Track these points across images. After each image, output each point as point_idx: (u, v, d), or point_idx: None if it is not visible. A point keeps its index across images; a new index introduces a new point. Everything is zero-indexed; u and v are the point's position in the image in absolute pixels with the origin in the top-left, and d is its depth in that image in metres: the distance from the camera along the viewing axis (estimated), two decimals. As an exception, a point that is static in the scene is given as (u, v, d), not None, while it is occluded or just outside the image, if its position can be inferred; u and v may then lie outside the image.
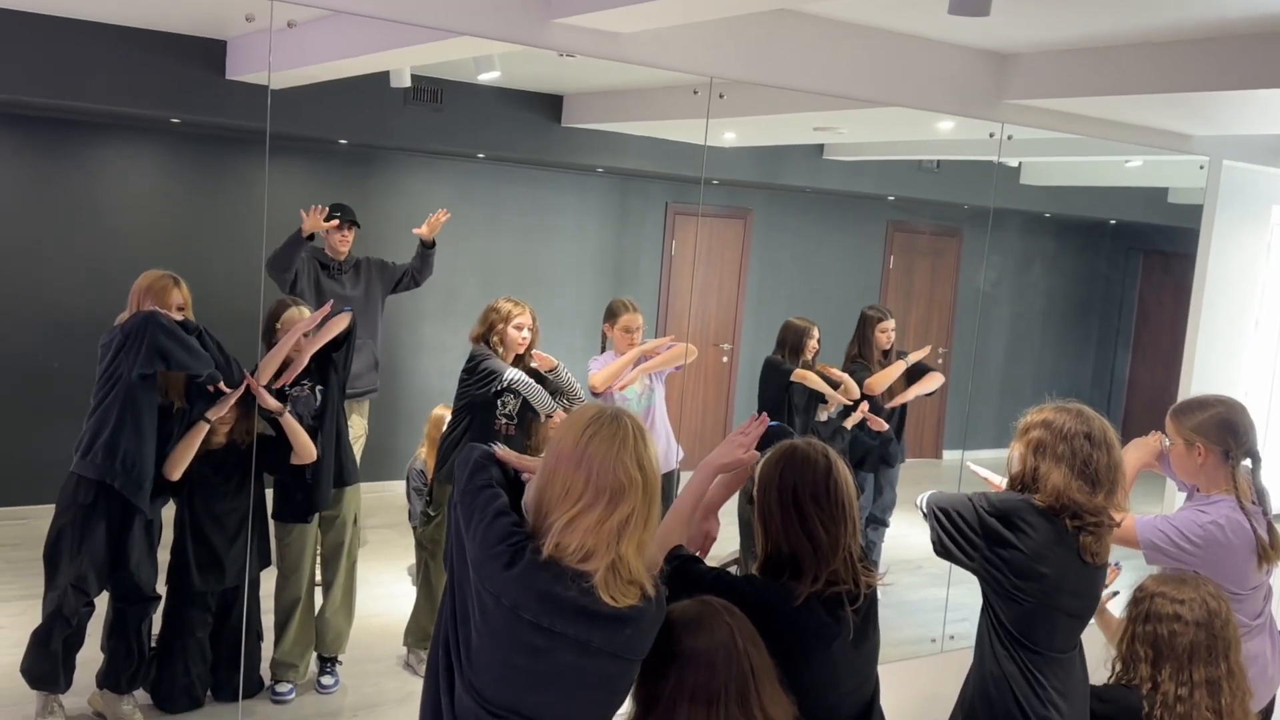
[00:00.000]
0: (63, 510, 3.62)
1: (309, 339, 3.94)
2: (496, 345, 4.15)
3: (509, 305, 4.23)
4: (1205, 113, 4.22)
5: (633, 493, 1.77)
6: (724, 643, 1.82)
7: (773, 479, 2.18)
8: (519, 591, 1.74)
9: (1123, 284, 8.97)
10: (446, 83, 5.38)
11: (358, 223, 4.93)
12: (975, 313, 7.35)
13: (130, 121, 5.67)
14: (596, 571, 1.74)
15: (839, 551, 2.12)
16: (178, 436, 3.70)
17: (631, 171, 6.73)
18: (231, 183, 6.01)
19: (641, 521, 1.78)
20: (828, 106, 4.17)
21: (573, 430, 1.81)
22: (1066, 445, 2.44)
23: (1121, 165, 6.14)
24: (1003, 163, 4.78)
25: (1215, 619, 2.49)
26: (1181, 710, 2.43)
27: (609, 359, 4.70)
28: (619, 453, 1.77)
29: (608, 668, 1.80)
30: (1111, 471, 2.46)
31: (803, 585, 2.10)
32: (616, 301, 4.81)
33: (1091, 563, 2.47)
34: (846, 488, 2.17)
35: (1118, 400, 8.89)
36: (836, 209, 7.70)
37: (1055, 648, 2.49)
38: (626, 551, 1.76)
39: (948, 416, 7.13)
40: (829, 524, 2.12)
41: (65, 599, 3.64)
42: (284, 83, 4.53)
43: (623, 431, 1.80)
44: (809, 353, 5.07)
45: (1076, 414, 2.51)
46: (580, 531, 1.74)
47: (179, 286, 3.68)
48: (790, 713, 1.86)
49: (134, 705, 3.81)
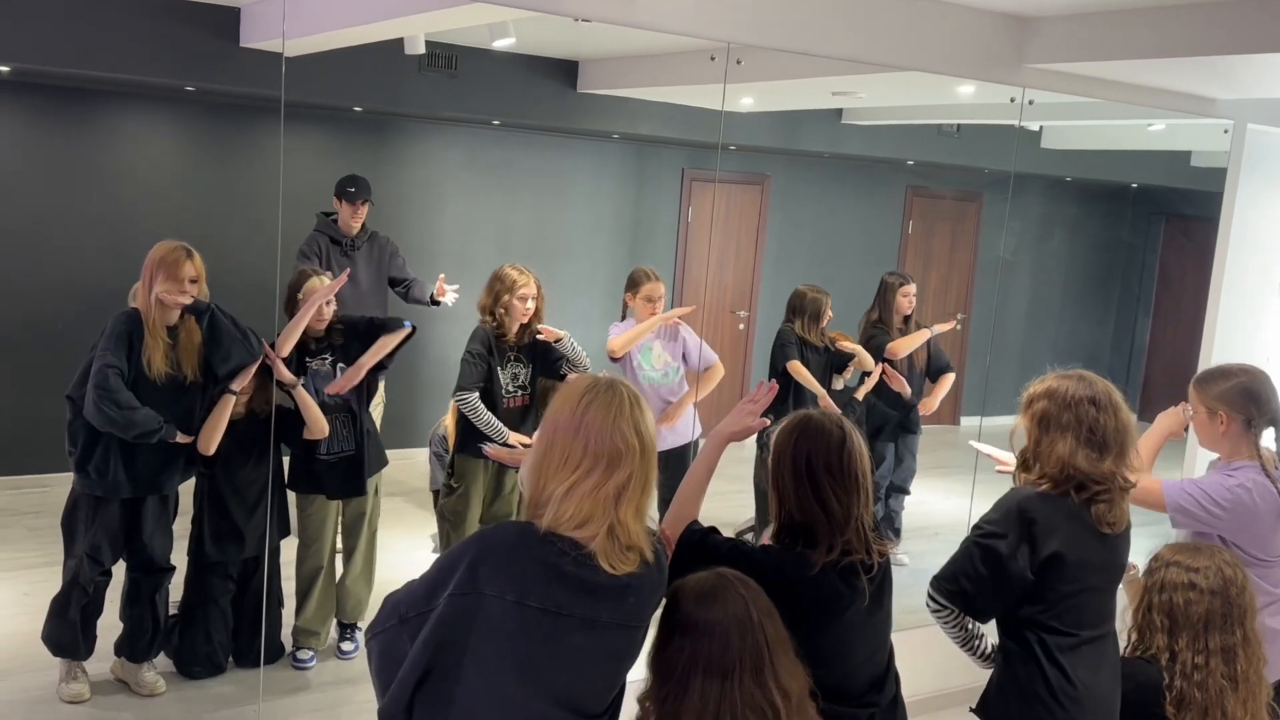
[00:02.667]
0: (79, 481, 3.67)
1: (370, 353, 3.96)
2: (503, 315, 4.14)
3: (514, 274, 4.19)
4: (1229, 76, 4.15)
5: (629, 458, 1.77)
6: (739, 615, 1.82)
7: (786, 448, 2.17)
8: (523, 568, 1.72)
9: (1144, 249, 8.90)
10: (461, 49, 5.34)
11: (371, 199, 4.89)
12: (995, 278, 7.30)
13: (145, 90, 5.66)
14: (595, 538, 1.74)
15: (851, 521, 2.12)
16: (201, 412, 3.72)
17: (648, 138, 6.68)
18: (246, 151, 6.00)
19: (639, 486, 1.78)
20: (846, 71, 4.11)
21: (569, 400, 1.81)
22: (1071, 413, 2.40)
23: (1144, 129, 6.05)
24: (1023, 127, 4.71)
25: (1231, 586, 2.47)
26: (1199, 679, 2.42)
27: (629, 326, 4.69)
28: (616, 419, 1.77)
29: (616, 640, 1.80)
30: (1120, 434, 2.41)
31: (818, 554, 2.11)
32: (638, 270, 4.77)
33: (1110, 532, 2.45)
34: (860, 459, 2.16)
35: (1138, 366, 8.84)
36: (855, 174, 7.64)
37: (1085, 625, 2.45)
38: (625, 516, 1.76)
39: (966, 383, 7.09)
40: (841, 494, 2.12)
41: (81, 568, 3.68)
42: (298, 50, 4.51)
43: (619, 399, 1.80)
44: (825, 320, 5.03)
45: (1079, 379, 2.46)
46: (578, 497, 1.74)
47: (192, 259, 3.57)
48: (805, 684, 1.86)
49: (155, 672, 3.86)
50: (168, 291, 3.52)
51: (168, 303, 3.53)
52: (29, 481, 5.68)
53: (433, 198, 6.55)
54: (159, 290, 3.51)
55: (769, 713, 1.78)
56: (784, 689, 1.80)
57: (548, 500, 1.76)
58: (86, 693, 3.75)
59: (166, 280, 3.52)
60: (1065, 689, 2.42)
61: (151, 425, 3.50)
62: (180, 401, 3.63)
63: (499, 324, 4.15)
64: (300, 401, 3.85)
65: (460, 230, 6.66)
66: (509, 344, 4.17)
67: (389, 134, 6.42)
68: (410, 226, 6.32)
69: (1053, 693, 2.43)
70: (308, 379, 3.94)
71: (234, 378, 3.67)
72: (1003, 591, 2.41)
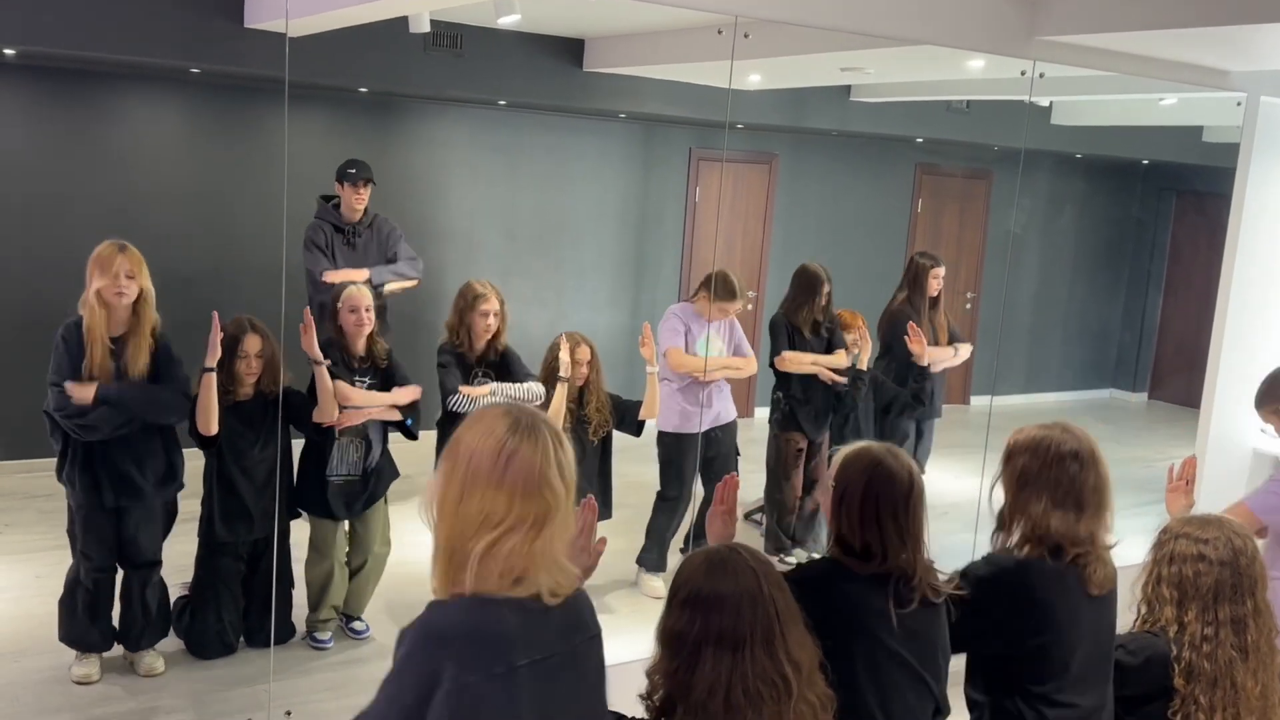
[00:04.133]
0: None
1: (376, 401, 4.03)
2: (467, 333, 4.17)
3: (477, 288, 4.21)
4: (1243, 47, 4.10)
5: (558, 506, 1.60)
6: (750, 587, 1.81)
7: (856, 485, 2.20)
8: (491, 639, 1.56)
9: (1155, 225, 8.84)
10: (466, 28, 5.31)
11: (374, 180, 4.85)
12: (1005, 256, 7.26)
13: (149, 72, 5.64)
14: (537, 590, 1.59)
15: (906, 560, 2.17)
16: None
17: (654, 116, 6.64)
18: (252, 132, 5.98)
19: (565, 524, 1.64)
20: (855, 45, 4.08)
21: (488, 447, 1.57)
22: (1050, 472, 2.36)
23: (1155, 104, 5.99)
24: (1034, 102, 4.67)
25: (1240, 557, 2.45)
26: (1208, 649, 2.40)
27: (689, 317, 4.73)
28: (543, 467, 1.58)
29: (591, 655, 1.74)
30: (1098, 493, 2.37)
31: (861, 566, 2.17)
32: (731, 282, 4.76)
33: (1099, 593, 2.39)
34: (922, 504, 2.22)
35: (1148, 344, 8.80)
36: (864, 152, 7.59)
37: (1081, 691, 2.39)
38: (557, 551, 1.62)
39: (976, 362, 7.06)
40: (904, 537, 2.18)
41: (79, 565, 3.73)
42: (302, 30, 4.48)
43: (543, 442, 1.59)
44: (823, 301, 4.96)
45: (1063, 430, 2.42)
46: (502, 557, 1.55)
47: (125, 253, 3.52)
48: (815, 655, 1.86)
49: (154, 653, 3.87)
50: (105, 288, 3.50)
51: (110, 300, 3.52)
52: (41, 465, 5.65)
53: (438, 179, 6.53)
54: (97, 287, 3.50)
55: (780, 684, 1.77)
56: (795, 660, 1.80)
57: (463, 563, 1.56)
58: (96, 674, 3.77)
59: (101, 277, 3.50)
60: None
61: (118, 420, 3.53)
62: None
63: (463, 341, 4.20)
64: (319, 381, 3.85)
65: (466, 212, 6.63)
66: (473, 360, 4.22)
67: (394, 115, 6.39)
68: (415, 208, 6.30)
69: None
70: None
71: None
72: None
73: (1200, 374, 4.90)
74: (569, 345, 4.24)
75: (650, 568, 4.80)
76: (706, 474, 4.75)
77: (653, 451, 4.88)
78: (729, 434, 4.92)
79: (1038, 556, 2.37)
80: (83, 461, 3.59)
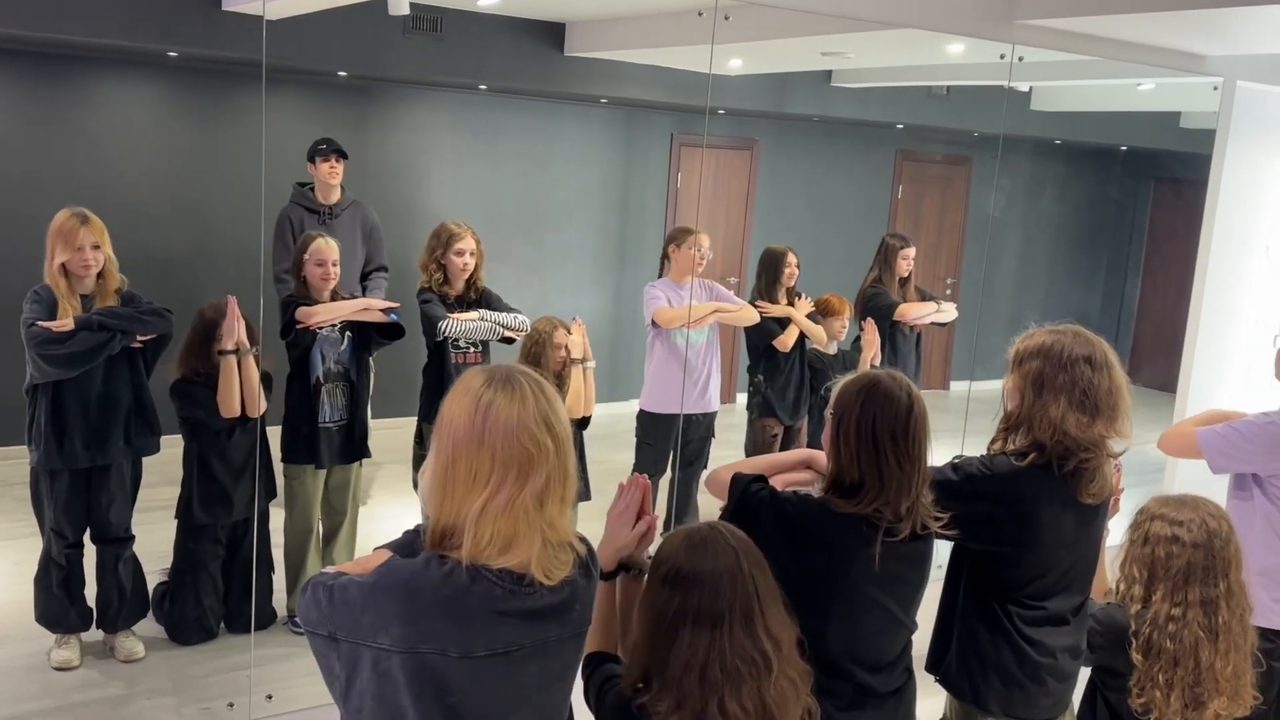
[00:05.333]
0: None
1: (351, 306, 4.01)
2: (442, 272, 4.14)
3: (451, 228, 4.18)
4: (1220, 30, 4.13)
5: (543, 460, 1.55)
6: (729, 566, 1.81)
7: (852, 409, 2.14)
8: (461, 618, 1.53)
9: (1134, 210, 8.89)
10: (446, 10, 5.27)
11: (345, 154, 4.74)
12: (984, 241, 7.29)
13: (127, 55, 5.58)
14: (530, 561, 1.56)
15: (906, 491, 2.11)
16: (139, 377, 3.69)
17: (636, 101, 6.62)
18: (229, 116, 5.93)
19: (560, 482, 1.58)
20: (837, 29, 4.08)
21: (464, 404, 1.56)
22: (1066, 374, 2.31)
23: (1133, 89, 6.02)
24: (1013, 88, 4.68)
25: (1215, 539, 2.45)
26: (1173, 629, 2.41)
27: (667, 288, 4.71)
28: (520, 419, 1.54)
29: (568, 652, 1.70)
30: (1112, 396, 2.33)
31: (848, 505, 2.11)
32: (680, 227, 4.80)
33: (1092, 502, 2.39)
34: (924, 429, 2.14)
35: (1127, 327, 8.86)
36: (845, 138, 7.60)
37: (1051, 597, 2.43)
38: (552, 515, 1.58)
39: (955, 346, 7.09)
40: (903, 462, 2.10)
41: (50, 543, 3.71)
42: (280, 12, 4.44)
43: (520, 393, 1.57)
44: (788, 280, 5.00)
45: (1074, 335, 2.38)
46: (492, 516, 1.53)
47: (88, 224, 3.50)
48: (794, 634, 1.86)
49: (134, 638, 3.86)
50: (71, 261, 3.50)
51: (77, 271, 3.52)
52: (16, 453, 5.60)
53: (418, 163, 6.50)
54: (63, 260, 3.50)
55: (760, 661, 1.77)
56: (774, 638, 1.80)
57: (459, 526, 1.55)
58: (76, 659, 3.75)
59: (65, 249, 3.49)
60: (1029, 659, 2.41)
61: (100, 339, 3.51)
62: (134, 374, 3.66)
63: (442, 279, 4.17)
64: (224, 373, 3.71)
65: (446, 196, 6.60)
66: (452, 300, 4.18)
67: (373, 99, 6.35)
68: (395, 193, 6.27)
69: (1019, 663, 2.42)
70: (319, 347, 3.98)
71: (161, 349, 3.70)
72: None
73: (1177, 358, 4.95)
74: (550, 328, 4.23)
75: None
76: (683, 457, 4.78)
77: (633, 439, 4.90)
78: (709, 420, 4.94)
79: (1041, 464, 2.35)
80: (51, 416, 3.57)
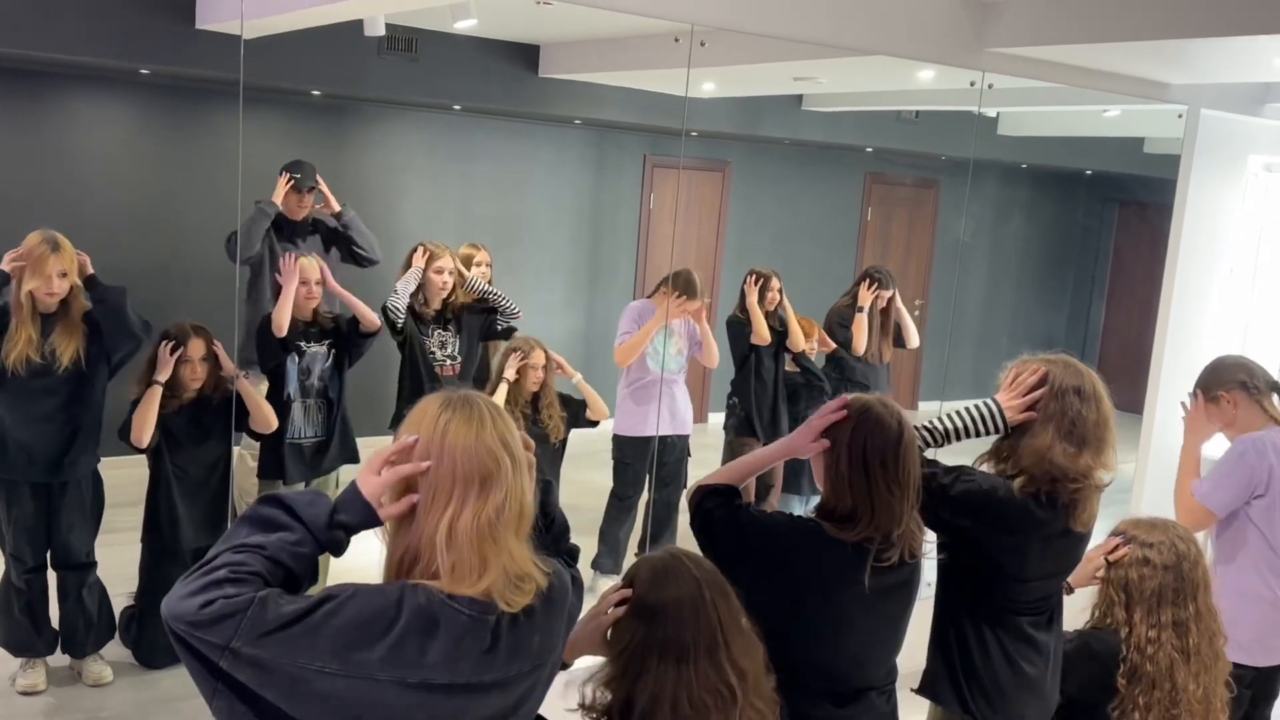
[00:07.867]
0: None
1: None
2: (420, 294, 4.16)
3: (431, 248, 4.21)
4: (1186, 60, 4.22)
5: (501, 476, 1.56)
6: (691, 595, 1.79)
7: (843, 434, 2.15)
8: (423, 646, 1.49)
9: (1099, 234, 9.02)
10: (421, 32, 5.28)
11: (317, 186, 4.65)
12: (953, 264, 7.37)
13: (99, 72, 5.55)
14: (492, 588, 1.54)
15: (895, 518, 2.12)
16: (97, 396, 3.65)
17: (610, 123, 6.66)
18: (204, 135, 5.90)
19: (516, 504, 1.59)
20: (809, 55, 4.13)
21: (424, 427, 1.58)
22: (1056, 403, 2.32)
23: (1098, 115, 6.13)
24: (981, 113, 4.75)
25: (1184, 561, 2.49)
26: (1151, 651, 2.45)
27: (641, 312, 4.77)
28: (479, 436, 1.57)
29: (529, 682, 1.64)
30: (1100, 429, 2.34)
31: (841, 531, 2.11)
32: (693, 280, 4.79)
33: (1081, 530, 2.40)
34: (913, 457, 2.16)
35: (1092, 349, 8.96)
36: (815, 161, 7.67)
37: (1030, 613, 2.46)
38: (509, 542, 1.57)
39: (924, 367, 7.16)
40: (893, 487, 2.11)
41: (9, 568, 3.67)
42: (256, 32, 4.44)
43: (477, 413, 1.59)
44: (770, 304, 5.07)
45: (1064, 365, 2.39)
46: (463, 538, 1.53)
47: (58, 252, 3.48)
48: (761, 659, 1.85)
49: (102, 662, 3.81)
50: (38, 289, 3.49)
51: (41, 299, 3.52)
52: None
53: (393, 183, 6.49)
54: (29, 288, 3.48)
55: (726, 693, 1.76)
56: (740, 668, 1.79)
57: (428, 548, 1.55)
58: (42, 684, 3.70)
59: (34, 277, 3.48)
60: (1008, 677, 2.44)
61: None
62: (60, 391, 3.59)
63: (422, 300, 4.19)
64: (243, 393, 3.78)
65: (420, 216, 6.59)
66: (431, 315, 4.20)
67: (348, 118, 6.35)
68: (369, 212, 6.22)
69: (995, 680, 2.44)
70: (303, 363, 3.96)
71: (122, 366, 3.69)
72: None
73: (1143, 380, 5.02)
74: (523, 351, 4.24)
75: (606, 571, 4.81)
76: (658, 478, 4.79)
77: (609, 457, 4.91)
78: (683, 441, 4.96)
79: (1032, 494, 2.35)
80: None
